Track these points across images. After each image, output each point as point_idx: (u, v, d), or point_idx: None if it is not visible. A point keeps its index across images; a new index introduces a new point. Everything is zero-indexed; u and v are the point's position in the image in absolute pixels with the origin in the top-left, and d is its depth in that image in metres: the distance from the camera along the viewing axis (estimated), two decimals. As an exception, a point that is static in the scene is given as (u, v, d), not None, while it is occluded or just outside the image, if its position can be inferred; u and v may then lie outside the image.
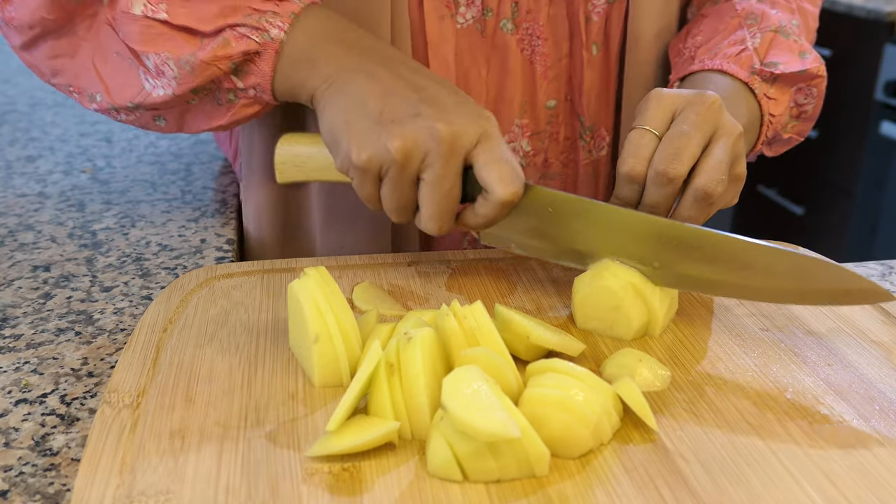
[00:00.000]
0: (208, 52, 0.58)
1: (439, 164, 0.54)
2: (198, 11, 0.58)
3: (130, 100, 0.62)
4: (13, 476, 0.46)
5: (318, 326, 0.50)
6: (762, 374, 0.53)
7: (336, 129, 0.56)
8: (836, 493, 0.43)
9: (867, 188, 2.13)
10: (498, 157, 0.55)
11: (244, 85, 0.60)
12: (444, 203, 0.56)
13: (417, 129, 0.54)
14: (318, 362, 0.50)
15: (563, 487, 0.43)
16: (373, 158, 0.55)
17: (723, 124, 0.58)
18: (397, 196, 0.56)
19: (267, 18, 0.58)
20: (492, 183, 0.55)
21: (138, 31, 0.59)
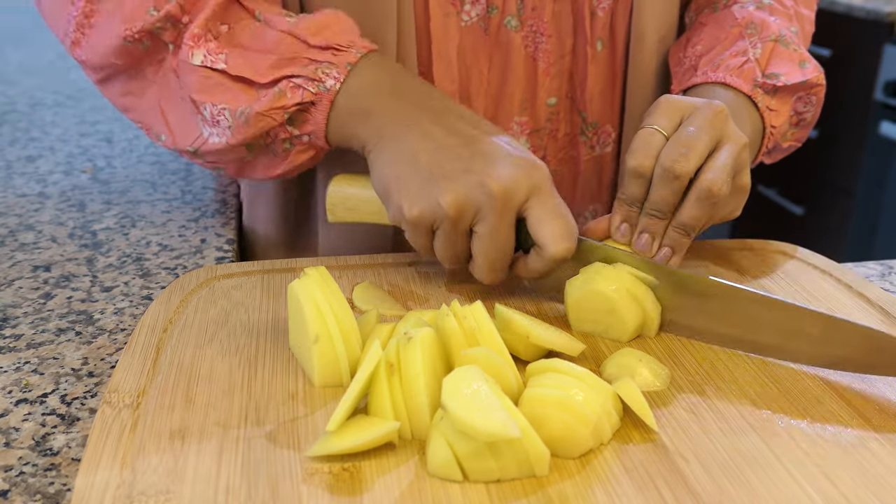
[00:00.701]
0: (264, 103, 0.59)
1: (492, 218, 0.55)
2: (256, 62, 0.59)
3: (191, 144, 0.63)
4: (13, 476, 0.46)
5: (318, 326, 0.50)
6: (762, 374, 0.53)
7: (388, 182, 0.57)
8: (835, 492, 0.43)
9: (867, 188, 2.13)
10: (551, 213, 0.55)
11: (299, 132, 0.61)
12: (499, 256, 0.57)
13: (469, 185, 0.54)
14: (319, 362, 0.50)
15: (563, 487, 0.43)
16: (425, 213, 0.55)
17: (729, 133, 0.58)
18: (451, 248, 0.57)
19: (323, 69, 0.59)
20: (545, 240, 0.55)
21: (197, 80, 0.60)
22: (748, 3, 0.75)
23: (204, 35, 0.59)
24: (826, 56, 2.21)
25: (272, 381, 0.52)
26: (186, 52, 0.59)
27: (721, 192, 0.56)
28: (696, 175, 0.57)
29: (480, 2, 0.69)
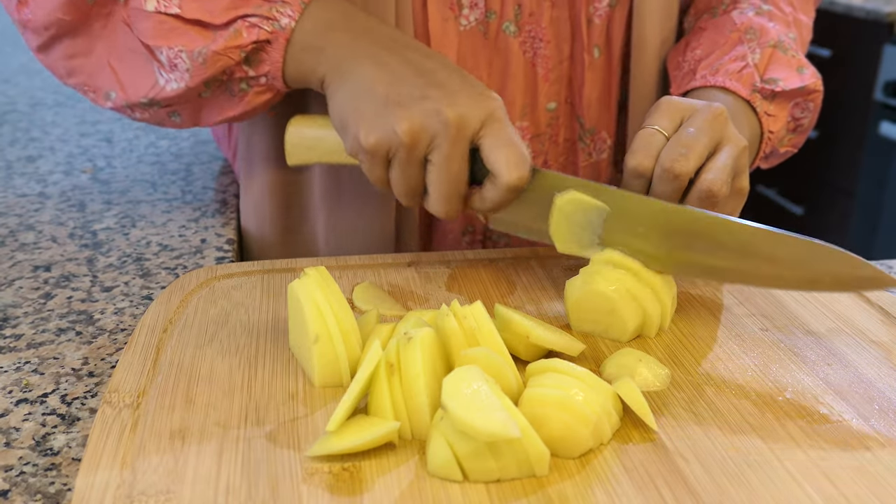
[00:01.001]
0: (220, 43, 0.59)
1: (446, 145, 0.55)
2: (209, 5, 0.60)
3: (144, 95, 0.64)
4: (14, 476, 0.46)
5: (318, 326, 0.50)
6: (762, 374, 0.53)
7: (345, 114, 0.57)
8: (835, 492, 0.43)
9: (867, 188, 2.13)
10: (505, 141, 0.55)
11: (256, 73, 0.61)
12: (453, 185, 0.56)
13: (424, 112, 0.55)
14: (319, 362, 0.50)
15: (563, 487, 0.43)
16: (381, 141, 0.56)
17: (729, 135, 0.59)
18: (406, 178, 0.57)
19: (277, 8, 0.60)
20: (498, 167, 0.55)
21: (151, 26, 0.60)
22: (748, 8, 0.75)
23: None
24: (826, 56, 2.21)
25: (272, 381, 0.52)
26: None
27: (721, 193, 0.56)
28: (695, 175, 0.57)
29: (479, 6, 0.69)
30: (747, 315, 0.61)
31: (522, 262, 0.68)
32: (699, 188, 0.57)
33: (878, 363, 0.55)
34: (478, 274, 0.66)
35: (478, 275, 0.66)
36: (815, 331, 0.59)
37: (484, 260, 0.68)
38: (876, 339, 0.57)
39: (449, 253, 0.70)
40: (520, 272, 0.66)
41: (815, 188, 2.33)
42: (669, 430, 0.48)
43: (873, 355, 0.56)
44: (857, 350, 0.56)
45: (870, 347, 0.56)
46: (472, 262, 0.68)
